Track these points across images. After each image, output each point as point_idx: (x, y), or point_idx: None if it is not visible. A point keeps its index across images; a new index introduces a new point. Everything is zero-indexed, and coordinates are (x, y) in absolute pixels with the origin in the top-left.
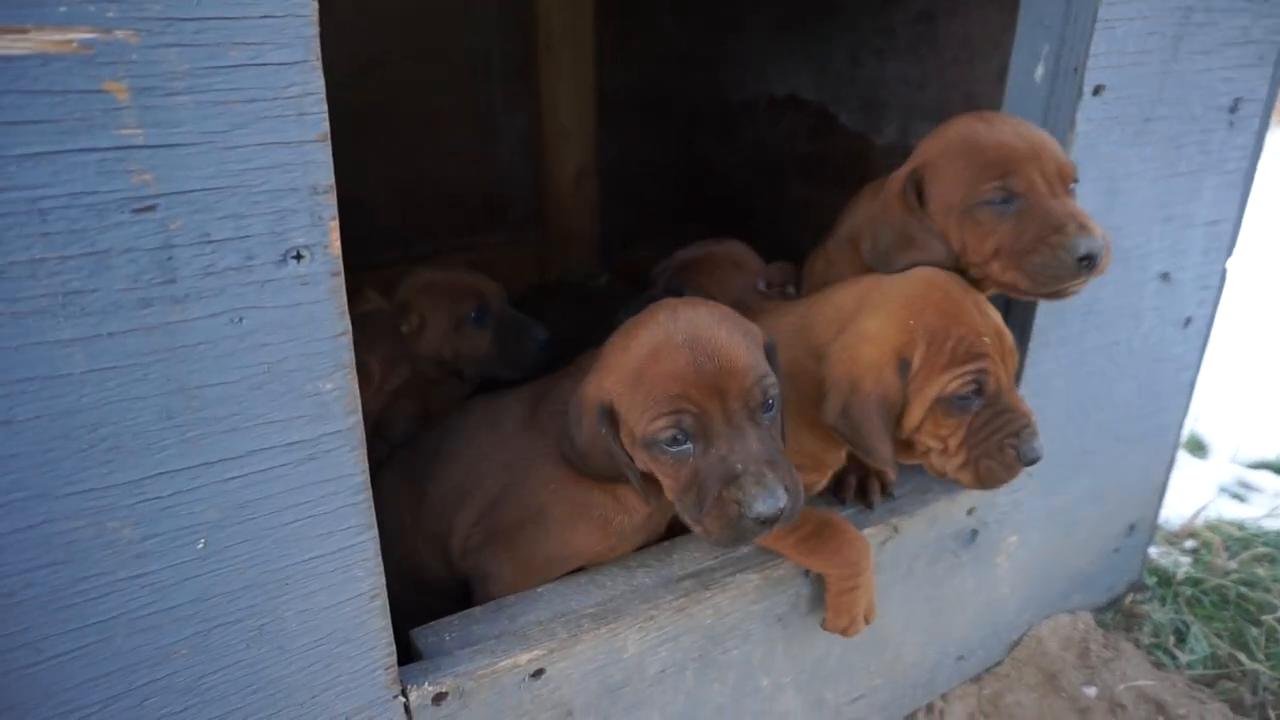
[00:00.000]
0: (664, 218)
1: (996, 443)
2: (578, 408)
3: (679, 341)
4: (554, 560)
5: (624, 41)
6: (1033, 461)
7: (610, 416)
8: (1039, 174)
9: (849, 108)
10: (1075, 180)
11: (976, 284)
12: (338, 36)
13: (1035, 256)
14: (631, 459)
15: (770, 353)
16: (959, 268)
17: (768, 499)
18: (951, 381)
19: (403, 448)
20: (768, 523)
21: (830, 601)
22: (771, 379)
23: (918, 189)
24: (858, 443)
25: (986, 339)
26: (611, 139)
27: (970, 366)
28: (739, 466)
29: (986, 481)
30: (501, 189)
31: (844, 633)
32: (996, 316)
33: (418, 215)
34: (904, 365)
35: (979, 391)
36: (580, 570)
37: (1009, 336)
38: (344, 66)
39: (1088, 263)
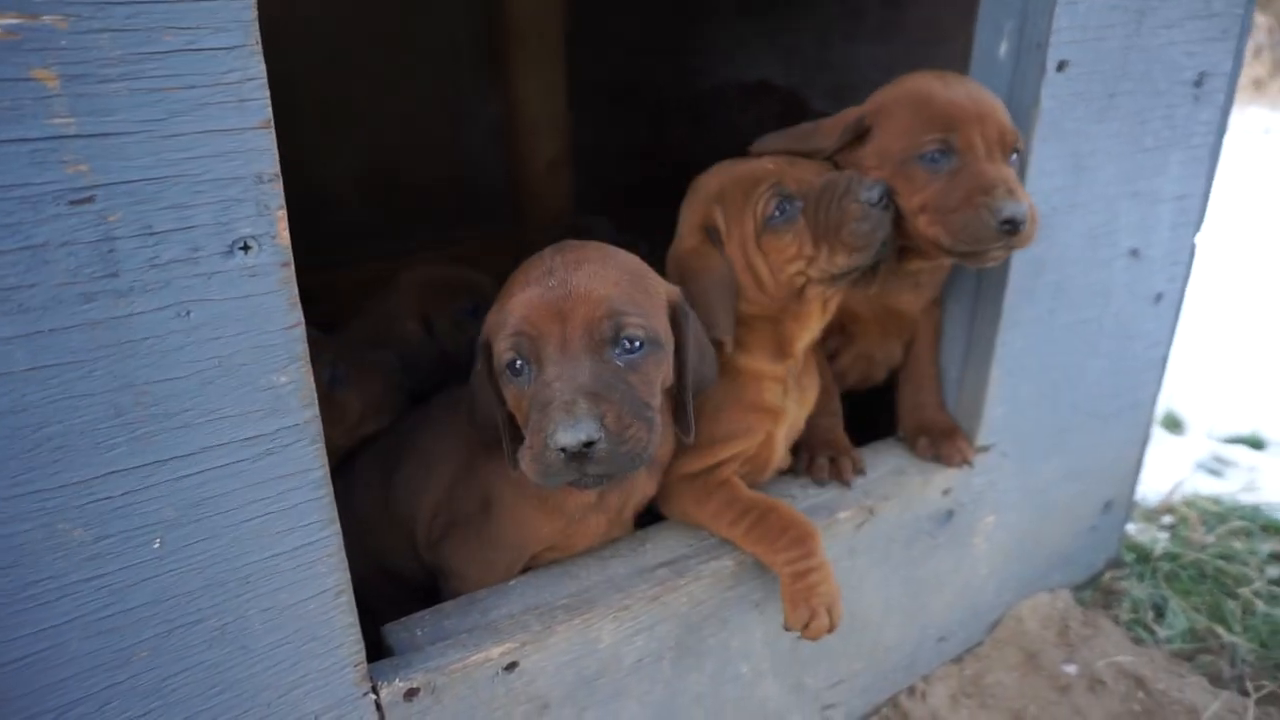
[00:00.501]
0: (638, 204)
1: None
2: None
3: (542, 272)
4: (509, 546)
5: (594, 30)
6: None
7: (486, 351)
8: (979, 135)
9: (819, 92)
10: (1017, 150)
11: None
12: (307, 28)
13: (959, 215)
14: (504, 400)
15: (677, 311)
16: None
17: (570, 429)
18: (757, 206)
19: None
20: (576, 458)
21: (785, 593)
22: (637, 321)
23: (864, 131)
24: (706, 322)
25: (769, 164)
26: (583, 127)
27: (763, 186)
28: (554, 394)
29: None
30: (474, 180)
31: (806, 630)
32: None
33: (390, 209)
34: (712, 232)
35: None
36: (554, 562)
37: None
38: (314, 58)
39: (1009, 226)
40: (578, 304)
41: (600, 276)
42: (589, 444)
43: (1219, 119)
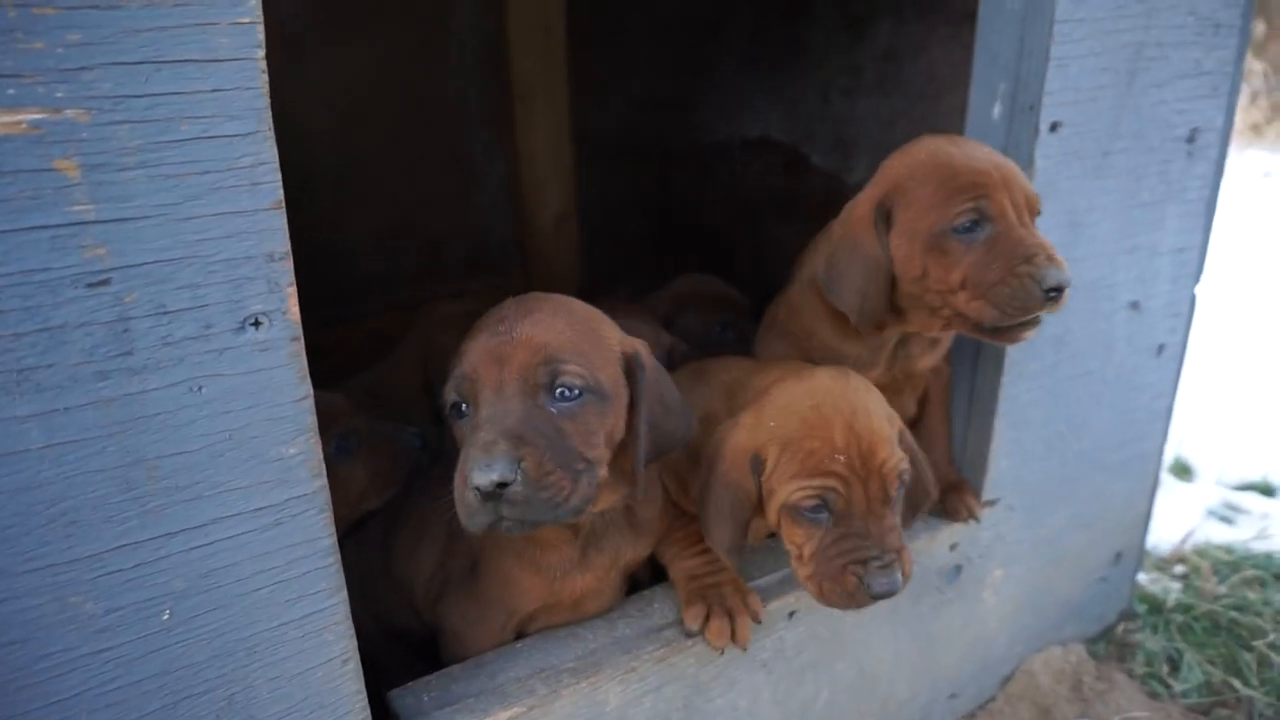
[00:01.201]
0: (644, 256)
1: (839, 566)
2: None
3: (495, 319)
4: (498, 604)
5: (599, 87)
6: (880, 596)
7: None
8: (1009, 201)
9: (820, 147)
10: (1039, 212)
11: (931, 315)
12: (318, 89)
13: (1004, 287)
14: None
15: (631, 364)
16: (914, 298)
17: (485, 469)
18: (795, 492)
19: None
20: (491, 498)
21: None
22: (575, 369)
23: (886, 216)
24: (703, 520)
25: (840, 457)
26: (590, 182)
27: (814, 481)
28: (480, 435)
29: (830, 600)
30: (483, 234)
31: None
32: (876, 436)
33: (401, 263)
34: (756, 462)
35: (824, 508)
36: (563, 624)
37: (889, 459)
38: (325, 118)
39: (1055, 294)
40: (518, 349)
41: (544, 325)
42: (502, 485)
43: (1213, 172)
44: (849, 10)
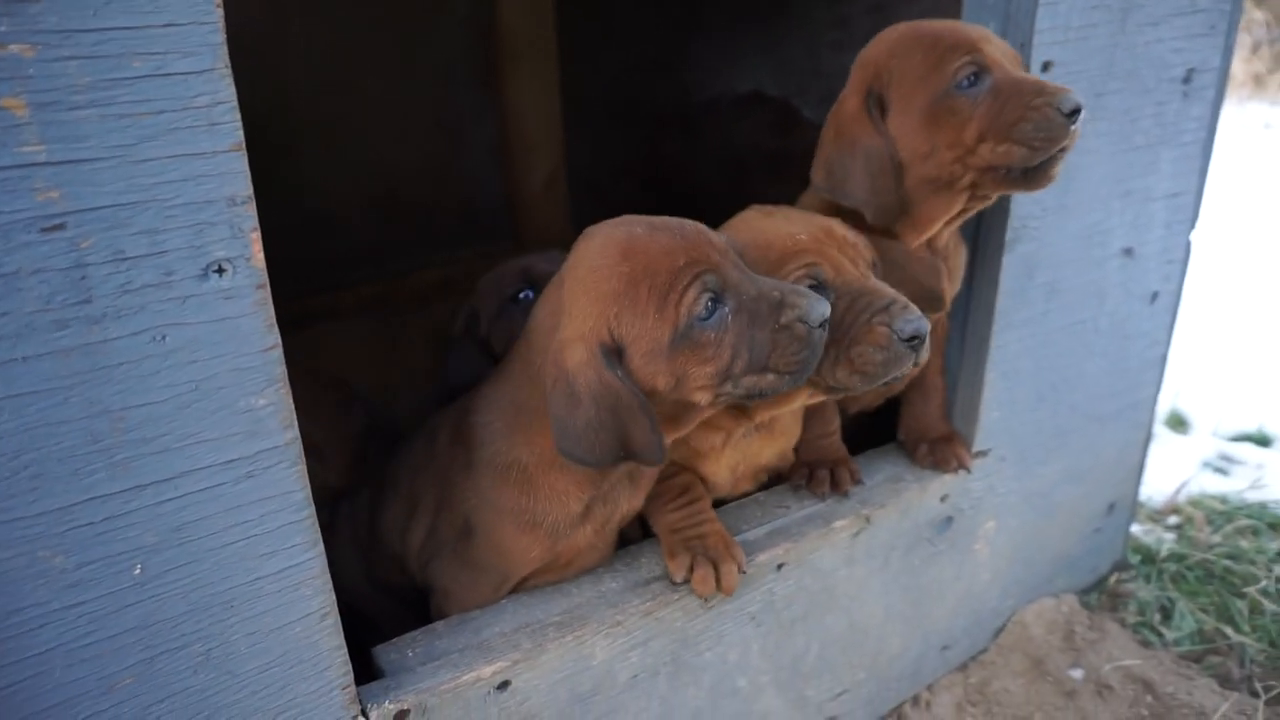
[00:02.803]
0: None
1: (862, 325)
2: (561, 382)
3: (642, 231)
4: (495, 569)
5: (588, 47)
6: (915, 336)
7: (615, 351)
8: (997, 50)
9: (811, 101)
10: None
11: (950, 191)
12: (306, 53)
13: (1026, 123)
14: (644, 395)
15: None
16: (926, 180)
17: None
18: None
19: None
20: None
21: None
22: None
23: (879, 102)
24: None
25: (802, 236)
26: (579, 144)
27: (792, 265)
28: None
29: (867, 368)
30: (472, 198)
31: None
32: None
33: (390, 229)
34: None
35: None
36: (549, 581)
37: (846, 232)
38: (312, 81)
39: (1074, 116)
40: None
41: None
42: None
43: (1210, 115)
44: None
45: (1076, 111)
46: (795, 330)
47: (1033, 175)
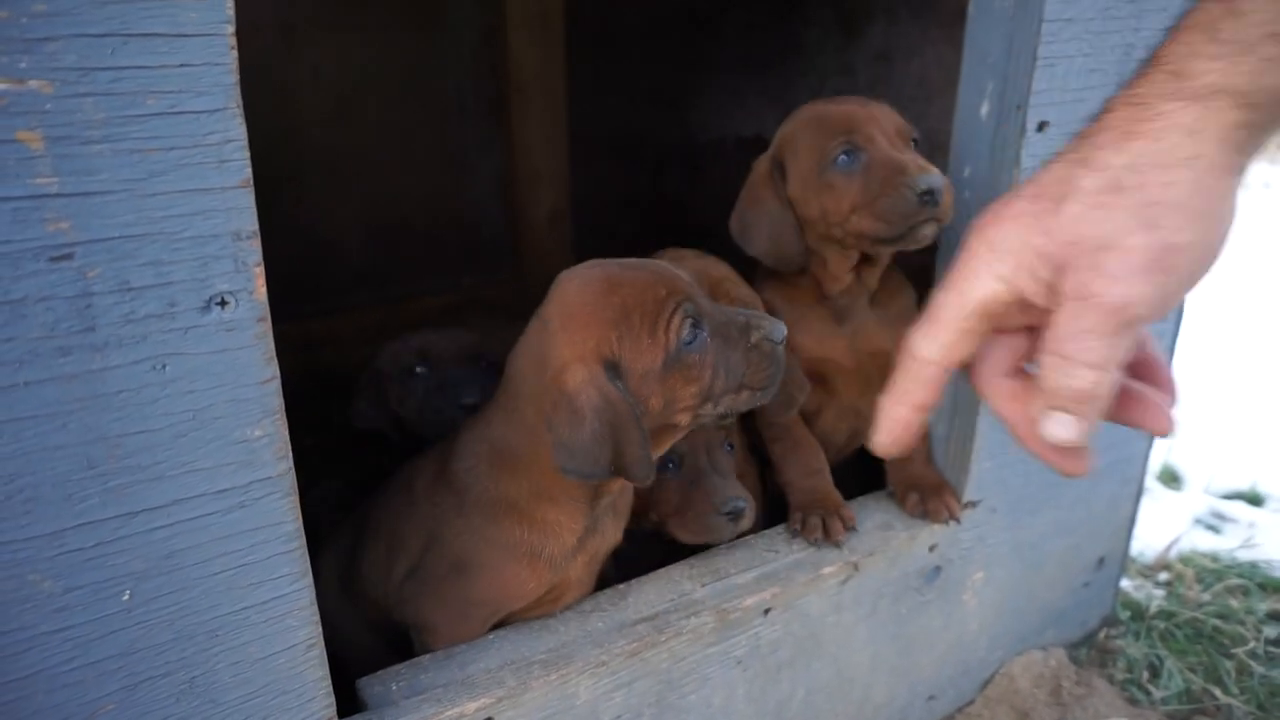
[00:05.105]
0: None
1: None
2: (562, 404)
3: (619, 269)
4: (486, 604)
5: (595, 83)
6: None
7: (615, 368)
8: (879, 131)
9: None
10: (915, 139)
11: (839, 246)
12: (314, 80)
13: (884, 200)
14: (640, 412)
15: None
16: (820, 236)
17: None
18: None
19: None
20: (929, 201)
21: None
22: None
23: (781, 169)
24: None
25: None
26: (584, 179)
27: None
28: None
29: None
30: (476, 230)
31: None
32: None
33: (393, 257)
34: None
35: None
36: (535, 617)
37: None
38: (321, 110)
39: (929, 198)
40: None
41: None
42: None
43: None
44: (843, 10)
45: (929, 193)
46: (763, 348)
47: (904, 239)
